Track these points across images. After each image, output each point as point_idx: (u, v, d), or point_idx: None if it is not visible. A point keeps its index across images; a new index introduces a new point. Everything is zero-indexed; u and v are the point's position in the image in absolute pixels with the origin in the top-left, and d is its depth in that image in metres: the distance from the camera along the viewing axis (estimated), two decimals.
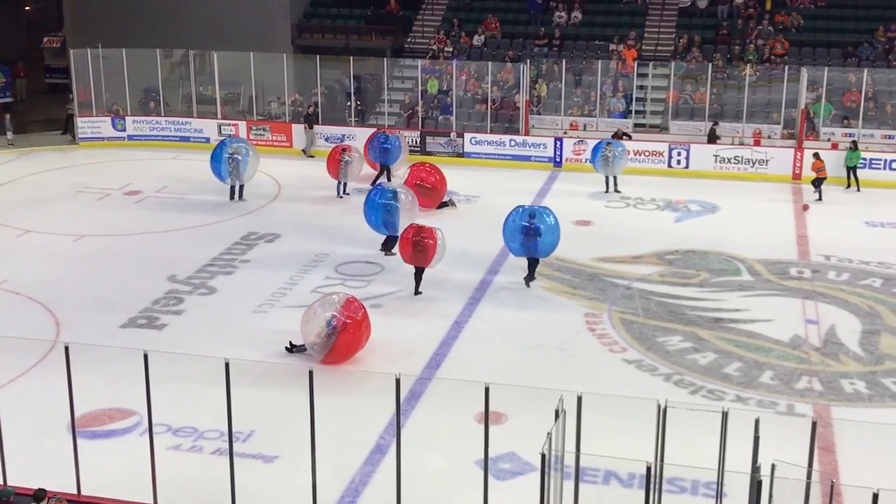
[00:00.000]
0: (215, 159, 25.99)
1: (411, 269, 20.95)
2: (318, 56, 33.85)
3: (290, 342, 16.85)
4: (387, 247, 21.89)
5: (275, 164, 30.51)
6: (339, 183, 26.91)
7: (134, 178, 28.66)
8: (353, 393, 15.38)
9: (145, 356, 11.23)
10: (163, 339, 17.38)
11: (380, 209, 21.67)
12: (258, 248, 22.58)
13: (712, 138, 30.28)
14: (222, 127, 32.71)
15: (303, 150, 31.84)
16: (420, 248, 19.44)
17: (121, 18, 37.72)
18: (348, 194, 26.81)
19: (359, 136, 31.32)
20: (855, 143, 28.21)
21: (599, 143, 27.87)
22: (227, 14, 37.67)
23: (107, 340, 16.95)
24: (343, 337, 16.08)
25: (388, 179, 27.53)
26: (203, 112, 33.86)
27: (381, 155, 28.06)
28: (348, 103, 33.76)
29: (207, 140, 32.65)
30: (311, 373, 10.85)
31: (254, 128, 32.64)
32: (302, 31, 39.40)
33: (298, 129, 32.28)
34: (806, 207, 21.36)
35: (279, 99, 34.41)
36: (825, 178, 26.75)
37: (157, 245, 22.83)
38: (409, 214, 21.48)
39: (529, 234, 19.89)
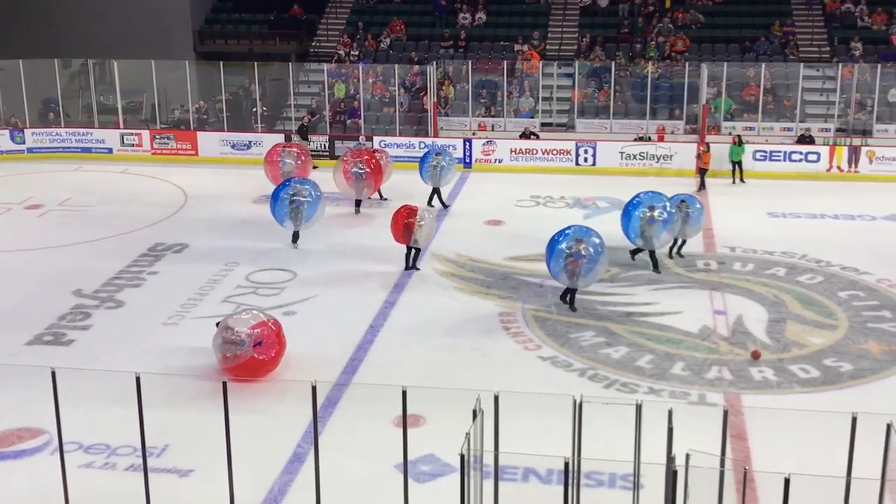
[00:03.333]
0: (274, 199, 22.59)
1: (323, 275, 20.93)
2: (221, 62, 33.46)
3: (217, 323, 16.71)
4: (632, 253, 21.53)
5: (180, 172, 30.15)
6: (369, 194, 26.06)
7: (35, 192, 27.94)
8: (268, 403, 15.20)
9: (53, 374, 10.95)
10: (71, 356, 16.96)
11: (638, 222, 20.72)
12: (166, 260, 22.21)
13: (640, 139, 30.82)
14: (125, 137, 32.13)
15: None
16: (408, 228, 20.45)
17: (16, 29, 36.88)
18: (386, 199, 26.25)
19: (266, 142, 31.03)
20: (739, 137, 28.89)
21: (673, 197, 21.64)
22: (126, 22, 37.06)
23: (12, 359, 16.48)
24: (251, 361, 15.75)
25: (444, 205, 25.91)
26: (104, 122, 33.25)
27: (435, 176, 25.80)
28: (254, 109, 33.42)
29: (110, 150, 32.10)
30: (224, 384, 10.70)
31: (157, 136, 32.11)
32: (204, 37, 38.93)
33: (203, 137, 31.88)
34: (756, 355, 16.81)
35: (183, 106, 33.94)
36: (706, 169, 27.48)
37: (61, 259, 22.29)
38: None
39: (572, 260, 18.49)
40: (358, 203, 25.59)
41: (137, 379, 10.73)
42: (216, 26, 39.53)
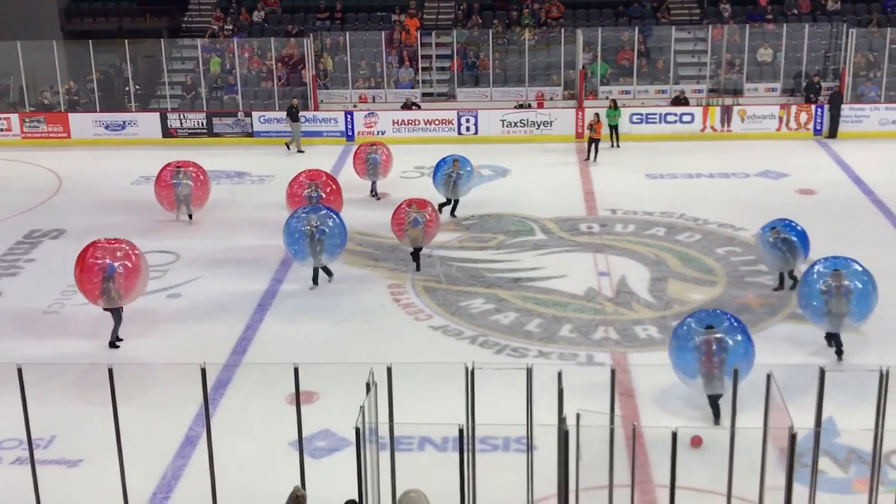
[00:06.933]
0: (289, 234, 18.46)
1: (208, 255, 20.62)
2: (90, 41, 32.47)
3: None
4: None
5: (53, 156, 29.26)
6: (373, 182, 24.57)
7: None
8: (157, 387, 14.95)
9: None
10: None
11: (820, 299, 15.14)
12: (43, 246, 21.56)
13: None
14: None
15: (286, 145, 29.67)
16: (402, 228, 19.36)
17: None
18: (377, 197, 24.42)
19: (140, 121, 30.35)
20: (615, 101, 29.31)
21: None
22: None
23: None
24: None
25: (452, 215, 22.78)
26: None
27: (450, 186, 22.63)
28: (127, 88, 32.57)
29: None
30: (110, 370, 10.46)
31: (27, 120, 31.06)
32: (71, 15, 37.70)
33: (76, 119, 30.96)
34: (697, 441, 12.44)
35: (52, 88, 32.85)
36: (600, 139, 27.75)
37: None
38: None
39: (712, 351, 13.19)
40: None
41: (19, 370, 10.42)
42: (83, 4, 38.31)
